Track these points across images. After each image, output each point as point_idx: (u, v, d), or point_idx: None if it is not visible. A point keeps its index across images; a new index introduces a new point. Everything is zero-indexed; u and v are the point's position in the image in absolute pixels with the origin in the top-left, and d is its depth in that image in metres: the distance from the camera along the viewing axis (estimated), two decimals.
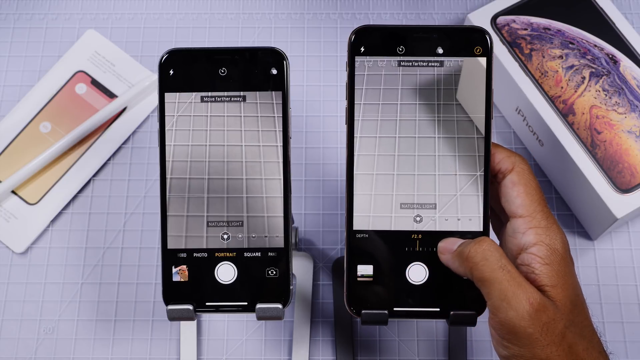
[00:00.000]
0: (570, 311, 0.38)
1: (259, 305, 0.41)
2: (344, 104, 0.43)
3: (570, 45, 0.57)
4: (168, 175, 0.42)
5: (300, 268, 0.55)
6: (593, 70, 0.56)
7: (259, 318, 0.42)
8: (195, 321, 0.54)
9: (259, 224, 0.42)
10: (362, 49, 0.42)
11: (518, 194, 0.40)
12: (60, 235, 0.58)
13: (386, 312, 0.41)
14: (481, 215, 0.41)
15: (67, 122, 0.60)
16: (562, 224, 0.57)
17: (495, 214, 0.44)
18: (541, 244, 0.39)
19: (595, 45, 0.57)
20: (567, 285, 0.38)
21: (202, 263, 0.42)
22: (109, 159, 0.60)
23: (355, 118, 0.42)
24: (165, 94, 0.42)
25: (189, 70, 0.42)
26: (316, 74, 0.62)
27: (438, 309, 0.41)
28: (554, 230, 0.39)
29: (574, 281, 0.39)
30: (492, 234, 0.43)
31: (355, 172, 0.41)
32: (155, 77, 0.61)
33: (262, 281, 0.42)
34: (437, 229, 0.41)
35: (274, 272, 0.42)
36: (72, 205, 0.59)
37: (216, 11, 0.65)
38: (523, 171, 0.40)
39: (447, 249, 0.40)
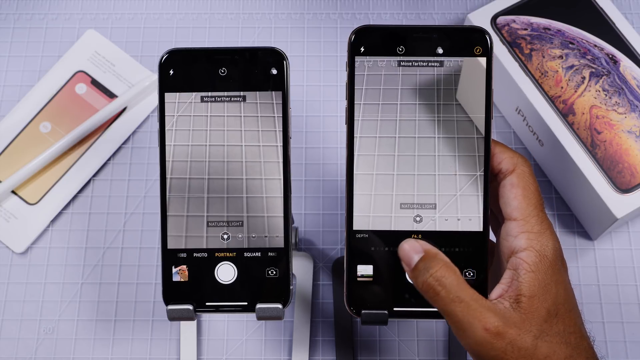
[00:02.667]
0: (544, 321, 0.38)
1: (259, 305, 0.41)
2: (344, 104, 0.43)
3: (570, 45, 0.57)
4: (168, 175, 0.42)
5: (300, 268, 0.55)
6: (593, 70, 0.56)
7: (259, 318, 0.42)
8: (195, 321, 0.54)
9: (259, 224, 0.42)
10: (362, 49, 0.42)
11: (515, 196, 0.40)
12: (60, 235, 0.58)
13: (386, 312, 0.41)
14: (481, 215, 0.41)
15: (67, 122, 0.60)
16: (562, 224, 0.57)
17: (494, 214, 0.43)
18: (531, 250, 0.39)
19: (595, 45, 0.57)
20: (549, 294, 0.38)
21: (202, 263, 0.42)
22: (109, 159, 0.60)
23: (355, 118, 0.42)
24: (165, 94, 0.42)
25: (189, 70, 0.42)
26: (316, 74, 0.62)
27: (438, 309, 0.41)
28: (547, 236, 0.39)
29: (558, 289, 0.39)
30: (492, 235, 0.43)
31: (355, 172, 0.41)
32: (155, 77, 0.61)
33: (262, 281, 0.42)
34: (437, 229, 0.41)
35: (274, 272, 0.42)
36: (72, 205, 0.59)
37: (216, 11, 0.65)
38: (524, 173, 0.40)
39: (406, 261, 0.40)
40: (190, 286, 0.42)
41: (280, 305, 0.41)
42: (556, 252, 0.39)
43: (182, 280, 0.42)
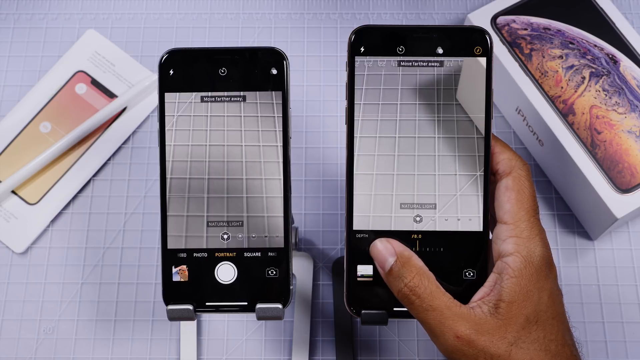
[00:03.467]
0: (521, 328, 0.38)
1: (259, 305, 0.41)
2: (344, 104, 0.43)
3: (570, 45, 0.57)
4: (168, 175, 0.42)
5: (300, 268, 0.55)
6: (593, 70, 0.56)
7: (259, 318, 0.42)
8: (195, 321, 0.54)
9: (259, 224, 0.42)
10: (362, 49, 0.42)
11: (508, 199, 0.40)
12: (60, 235, 0.58)
13: (386, 312, 0.41)
14: (481, 215, 0.41)
15: (67, 122, 0.60)
16: (562, 224, 0.57)
17: (491, 214, 0.43)
18: (517, 255, 0.39)
19: (595, 45, 0.57)
20: (529, 301, 0.38)
21: (202, 263, 0.42)
22: (109, 159, 0.60)
23: (355, 118, 0.42)
24: (165, 94, 0.42)
25: (189, 70, 0.42)
26: (316, 74, 0.62)
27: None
28: (535, 242, 0.39)
29: (541, 296, 0.38)
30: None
31: (355, 172, 0.41)
32: (155, 77, 0.61)
33: (262, 281, 0.42)
34: (437, 229, 0.41)
35: (274, 272, 0.42)
36: (72, 205, 0.59)
37: (216, 11, 0.65)
38: (519, 177, 0.40)
39: (380, 264, 0.40)
40: (190, 286, 0.42)
41: (280, 305, 0.41)
42: (543, 259, 0.39)
43: (182, 280, 0.42)
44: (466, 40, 0.42)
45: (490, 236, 0.42)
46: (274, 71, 0.42)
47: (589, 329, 0.54)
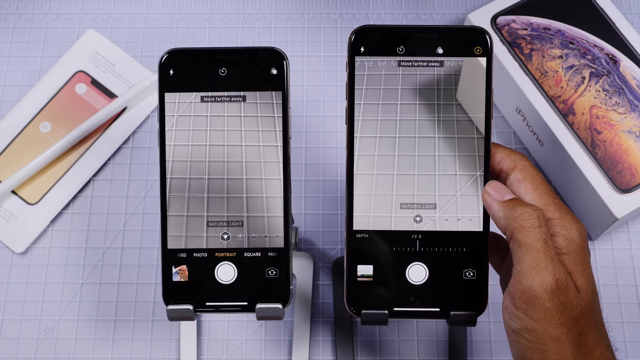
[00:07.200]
0: (589, 299, 0.38)
1: (259, 305, 0.41)
2: (344, 104, 0.43)
3: (570, 45, 0.57)
4: (168, 175, 0.42)
5: (300, 268, 0.55)
6: (593, 70, 0.56)
7: (259, 318, 0.42)
8: (195, 321, 0.54)
9: (259, 224, 0.42)
10: (362, 49, 0.42)
11: (526, 190, 0.40)
12: (60, 235, 0.58)
13: (386, 312, 0.41)
14: (481, 215, 0.41)
15: (67, 122, 0.60)
16: None
17: None
18: (557, 235, 0.38)
19: (595, 45, 0.57)
20: (587, 273, 0.38)
21: (202, 263, 0.42)
22: (109, 159, 0.60)
23: (355, 118, 0.42)
24: (165, 94, 0.42)
25: (189, 70, 0.42)
26: (316, 74, 0.62)
27: (438, 309, 0.41)
28: (569, 220, 0.39)
29: (591, 271, 0.39)
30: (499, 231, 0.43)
31: (355, 172, 0.41)
32: (155, 77, 0.61)
33: (262, 281, 0.42)
34: (437, 229, 0.41)
35: (274, 272, 0.42)
36: (72, 205, 0.59)
37: (216, 11, 0.65)
38: (525, 167, 0.40)
39: (494, 196, 0.40)
40: (190, 286, 0.42)
41: (280, 305, 0.41)
42: (582, 234, 0.39)
43: (182, 280, 0.42)
44: (466, 40, 0.42)
45: (499, 232, 0.42)
46: (274, 71, 0.42)
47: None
